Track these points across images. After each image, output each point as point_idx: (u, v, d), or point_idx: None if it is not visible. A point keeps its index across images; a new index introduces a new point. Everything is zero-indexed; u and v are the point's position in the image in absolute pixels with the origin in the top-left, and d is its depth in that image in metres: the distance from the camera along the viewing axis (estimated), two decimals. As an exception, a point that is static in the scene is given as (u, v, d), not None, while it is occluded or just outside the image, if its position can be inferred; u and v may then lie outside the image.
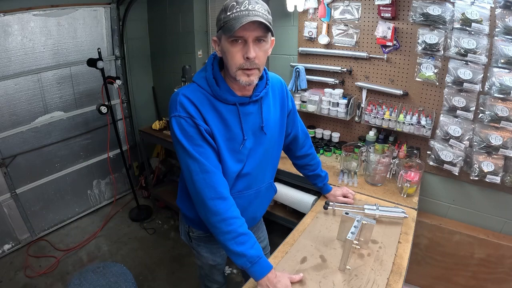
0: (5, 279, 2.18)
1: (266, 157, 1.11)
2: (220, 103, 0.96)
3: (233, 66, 0.90)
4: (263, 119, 1.05)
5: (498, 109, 1.48)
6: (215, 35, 0.93)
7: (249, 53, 0.86)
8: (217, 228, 0.93)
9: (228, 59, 0.90)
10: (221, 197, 0.93)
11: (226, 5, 0.86)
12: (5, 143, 2.29)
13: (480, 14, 1.42)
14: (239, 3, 0.84)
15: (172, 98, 0.96)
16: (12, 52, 2.20)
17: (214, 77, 0.96)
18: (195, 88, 0.96)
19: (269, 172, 1.18)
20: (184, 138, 0.92)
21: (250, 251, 0.92)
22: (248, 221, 1.20)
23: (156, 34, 3.12)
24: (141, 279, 2.20)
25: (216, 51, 0.96)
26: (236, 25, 0.82)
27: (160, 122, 2.63)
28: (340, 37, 1.90)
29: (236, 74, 0.91)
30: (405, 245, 1.18)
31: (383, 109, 1.82)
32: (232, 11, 0.84)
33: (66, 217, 2.79)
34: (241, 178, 1.06)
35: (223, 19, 0.86)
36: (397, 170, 1.67)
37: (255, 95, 1.00)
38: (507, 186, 1.60)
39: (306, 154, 1.34)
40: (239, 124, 0.99)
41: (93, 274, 1.30)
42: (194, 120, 0.92)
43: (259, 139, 1.06)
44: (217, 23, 0.90)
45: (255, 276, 0.93)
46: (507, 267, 1.69)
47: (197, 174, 0.93)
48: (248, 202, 1.13)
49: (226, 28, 0.85)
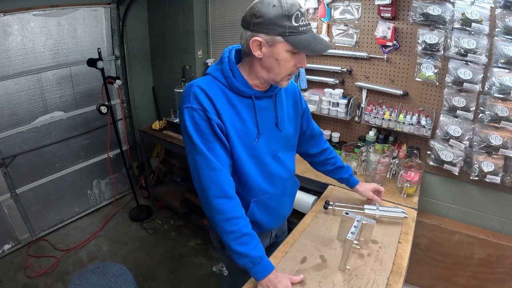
0: (5, 279, 2.19)
1: (284, 153, 1.11)
2: (236, 96, 0.95)
3: (284, 73, 0.92)
4: (278, 115, 1.05)
5: (498, 109, 1.48)
6: (259, 36, 0.85)
7: (304, 64, 0.92)
8: (220, 227, 0.92)
9: (280, 66, 0.90)
10: (227, 196, 0.92)
11: (287, 11, 0.82)
12: (5, 143, 2.29)
13: (480, 14, 1.42)
14: (303, 13, 0.84)
15: (185, 89, 0.94)
16: (12, 52, 2.20)
17: (230, 69, 0.95)
18: (210, 81, 0.94)
19: (290, 167, 1.17)
20: (195, 131, 0.91)
21: (253, 252, 0.91)
22: (279, 220, 1.23)
23: (156, 34, 3.12)
24: (141, 279, 2.20)
25: (255, 52, 0.88)
26: (317, 48, 0.86)
27: (160, 122, 2.63)
28: (340, 37, 1.90)
29: (282, 79, 0.94)
30: (405, 245, 1.18)
31: (383, 109, 1.82)
32: (299, 23, 0.84)
33: (66, 217, 2.79)
34: (264, 177, 1.06)
35: (288, 28, 0.83)
36: (397, 170, 1.67)
37: (270, 90, 1.01)
38: (507, 186, 1.60)
39: (324, 149, 1.33)
40: (254, 118, 0.99)
41: (93, 274, 1.30)
42: (207, 113, 0.90)
43: (274, 135, 1.06)
44: (272, 27, 0.83)
45: (257, 277, 0.93)
46: (507, 267, 1.69)
47: (203, 170, 0.91)
48: (276, 202, 1.13)
49: (295, 41, 0.85)
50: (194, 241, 2.61)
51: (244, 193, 1.04)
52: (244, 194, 1.04)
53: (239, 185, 1.02)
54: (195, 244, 2.58)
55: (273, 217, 1.16)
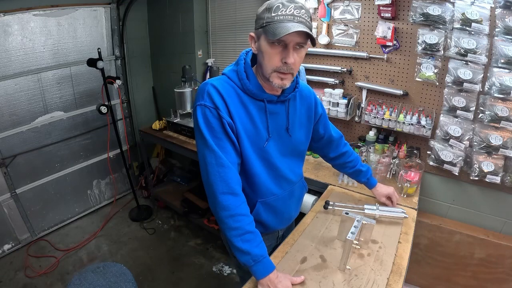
0: (5, 279, 2.18)
1: (292, 158, 1.12)
2: (248, 98, 0.97)
3: (269, 68, 0.91)
4: (289, 121, 1.06)
5: (498, 109, 1.48)
6: (253, 31, 0.92)
7: (289, 58, 0.88)
8: (224, 223, 0.93)
9: (265, 59, 0.91)
10: (233, 193, 0.93)
11: (270, 4, 0.85)
12: (5, 143, 2.29)
13: (480, 14, 1.42)
14: (285, 6, 0.84)
15: (200, 87, 0.96)
16: (12, 52, 2.21)
17: (245, 71, 0.96)
18: (224, 80, 0.97)
19: (298, 172, 1.19)
20: (206, 128, 0.92)
21: (255, 250, 0.92)
22: (284, 221, 1.23)
23: (156, 34, 3.12)
24: (141, 279, 2.20)
25: (251, 48, 0.95)
26: (281, 31, 0.82)
27: (160, 122, 2.63)
28: (340, 37, 1.90)
29: (271, 76, 0.92)
30: (405, 245, 1.18)
31: (383, 109, 1.82)
32: (277, 12, 0.84)
33: (66, 217, 2.79)
34: (272, 179, 1.07)
35: (266, 18, 0.86)
36: (397, 170, 1.67)
37: (283, 95, 1.02)
38: (507, 186, 1.60)
39: (343, 153, 1.33)
40: (265, 122, 1.00)
41: (93, 274, 1.30)
42: (219, 112, 0.91)
43: (284, 140, 1.06)
44: (258, 20, 0.89)
45: (257, 275, 0.93)
46: (507, 267, 1.69)
47: (212, 166, 0.92)
48: (283, 204, 1.14)
49: (269, 29, 0.85)
50: (194, 241, 2.61)
51: (251, 192, 1.05)
52: (251, 194, 1.05)
53: (246, 184, 1.03)
54: (195, 244, 2.58)
55: (279, 219, 1.17)
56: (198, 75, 2.81)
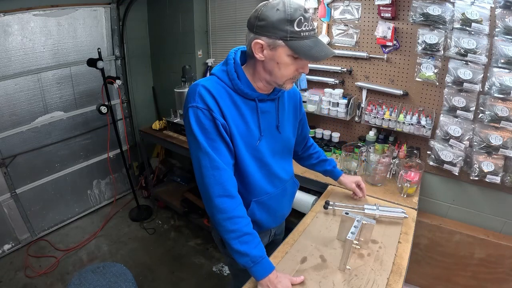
0: (5, 279, 2.18)
1: (283, 156, 1.14)
2: (239, 98, 0.97)
3: (285, 77, 0.92)
4: (279, 119, 1.07)
5: (498, 109, 1.48)
6: (261, 38, 0.86)
7: (306, 70, 0.93)
8: (222, 226, 0.93)
9: (281, 70, 0.90)
10: (229, 195, 0.93)
11: (292, 16, 0.82)
12: (5, 143, 2.29)
13: (480, 14, 1.42)
14: (306, 19, 0.84)
15: (190, 89, 0.95)
16: (12, 52, 2.20)
17: (235, 71, 0.96)
18: (215, 81, 0.95)
19: (289, 169, 1.20)
20: (199, 130, 0.91)
21: (254, 251, 0.92)
22: (278, 219, 1.25)
23: (156, 34, 3.12)
24: (141, 279, 2.20)
25: (256, 54, 0.89)
26: (318, 55, 0.86)
27: (160, 122, 2.63)
28: (340, 37, 1.90)
29: (285, 83, 0.94)
30: (405, 245, 1.18)
31: (383, 109, 1.82)
32: (301, 28, 0.83)
33: (66, 217, 2.79)
34: (265, 178, 1.08)
35: (289, 32, 0.83)
36: (397, 170, 1.67)
37: (273, 94, 1.03)
38: (507, 186, 1.60)
39: (308, 146, 1.39)
40: (257, 121, 1.01)
41: (93, 274, 1.30)
42: (211, 113, 0.90)
43: (275, 138, 1.08)
44: (274, 30, 0.83)
45: (257, 276, 0.93)
46: (507, 267, 1.69)
47: (207, 169, 0.91)
48: (276, 202, 1.15)
49: (297, 46, 0.85)
50: (194, 241, 2.61)
51: (245, 192, 1.05)
52: (245, 194, 1.05)
53: (241, 184, 1.03)
54: (195, 244, 2.58)
55: (273, 217, 1.18)
56: (198, 75, 2.81)
